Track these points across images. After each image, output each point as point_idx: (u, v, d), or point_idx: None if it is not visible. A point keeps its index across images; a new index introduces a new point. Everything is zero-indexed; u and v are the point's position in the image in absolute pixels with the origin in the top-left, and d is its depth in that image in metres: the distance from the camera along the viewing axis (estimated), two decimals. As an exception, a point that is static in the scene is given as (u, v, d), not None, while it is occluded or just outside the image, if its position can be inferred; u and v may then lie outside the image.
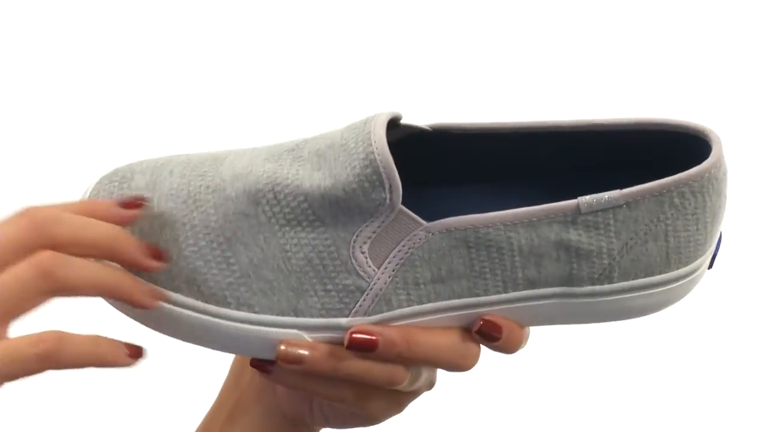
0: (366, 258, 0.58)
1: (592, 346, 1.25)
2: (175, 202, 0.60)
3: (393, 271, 0.58)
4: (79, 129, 1.29)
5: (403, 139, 0.62)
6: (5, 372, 0.51)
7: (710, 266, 0.62)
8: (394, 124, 0.61)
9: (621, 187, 0.59)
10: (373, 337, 0.58)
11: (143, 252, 0.57)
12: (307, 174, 0.58)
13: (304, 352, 0.59)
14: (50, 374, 0.53)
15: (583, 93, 1.28)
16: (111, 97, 1.30)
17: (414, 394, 0.63)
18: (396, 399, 0.63)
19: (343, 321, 0.59)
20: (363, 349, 0.58)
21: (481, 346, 0.61)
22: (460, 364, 0.60)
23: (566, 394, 1.26)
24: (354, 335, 0.58)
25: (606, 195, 0.58)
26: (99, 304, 0.59)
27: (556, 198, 0.59)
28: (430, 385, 0.63)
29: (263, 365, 0.60)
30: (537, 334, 0.63)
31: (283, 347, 0.58)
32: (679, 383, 1.27)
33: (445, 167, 0.65)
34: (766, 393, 1.26)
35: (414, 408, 0.66)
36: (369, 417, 0.63)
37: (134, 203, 0.59)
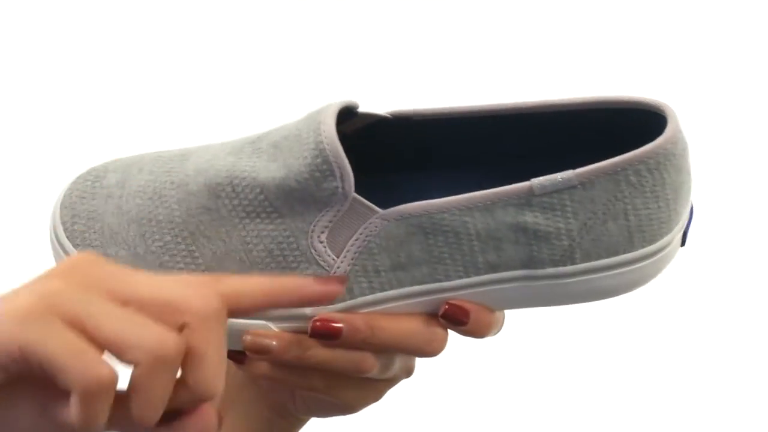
0: (325, 247, 0.58)
1: (586, 342, 1.25)
2: (142, 198, 0.61)
3: (352, 259, 0.59)
4: (77, 129, 1.31)
5: (365, 127, 0.62)
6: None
7: (683, 243, 0.61)
8: (351, 113, 0.61)
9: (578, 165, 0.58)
10: (337, 324, 0.59)
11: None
12: (263, 165, 0.59)
13: (270, 341, 0.59)
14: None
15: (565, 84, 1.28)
16: (109, 97, 1.32)
17: (391, 382, 0.63)
18: (371, 387, 0.63)
19: (307, 311, 0.59)
20: (327, 336, 0.59)
21: (451, 331, 0.61)
22: (427, 349, 0.60)
23: (560, 391, 1.26)
24: (316, 323, 0.59)
25: (559, 176, 0.58)
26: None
27: (515, 182, 0.59)
28: (408, 372, 0.63)
29: (237, 356, 0.61)
30: (533, 332, 0.63)
31: (248, 338, 0.59)
32: (676, 379, 1.26)
33: (406, 154, 0.65)
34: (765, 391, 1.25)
35: (395, 397, 0.66)
36: (345, 406, 0.63)
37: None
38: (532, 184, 0.58)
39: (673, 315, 1.27)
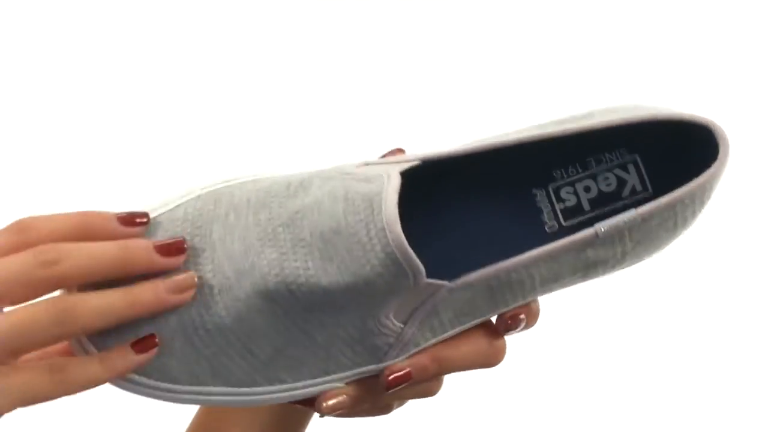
0: (392, 321, 0.57)
1: (589, 342, 1.25)
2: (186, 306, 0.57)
3: (419, 323, 0.58)
4: (76, 130, 1.23)
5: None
6: (23, 401, 0.53)
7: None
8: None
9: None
10: (407, 372, 0.59)
11: (157, 256, 0.56)
12: (320, 267, 0.55)
13: (342, 398, 0.59)
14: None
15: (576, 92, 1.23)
16: (110, 100, 1.24)
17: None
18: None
19: (373, 367, 0.59)
20: (400, 385, 0.59)
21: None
22: (493, 361, 0.62)
23: (562, 390, 1.27)
24: (388, 379, 0.59)
25: (623, 219, 0.57)
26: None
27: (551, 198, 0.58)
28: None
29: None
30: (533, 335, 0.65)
31: (324, 405, 0.59)
32: (679, 379, 1.27)
33: (444, 190, 0.62)
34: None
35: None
36: (383, 410, 0.64)
37: (134, 220, 0.57)
38: (596, 230, 0.57)
39: (675, 313, 1.27)
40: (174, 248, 0.56)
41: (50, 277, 0.53)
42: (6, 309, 0.53)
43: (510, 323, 0.60)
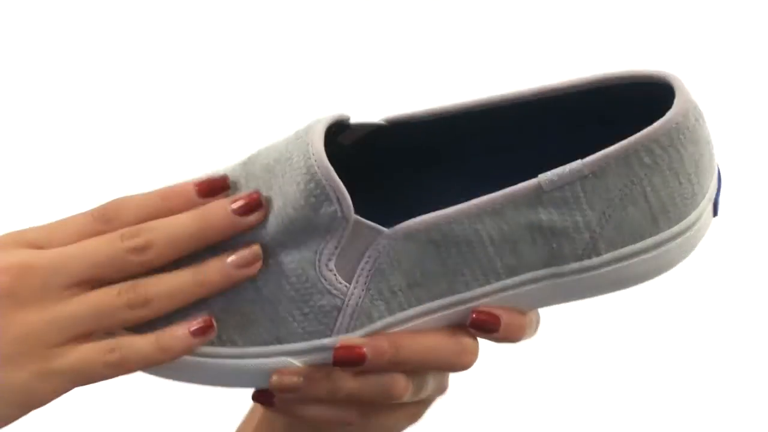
0: (335, 275, 0.56)
1: (594, 341, 1.23)
2: None
3: (365, 283, 0.56)
4: (76, 131, 1.30)
5: (363, 137, 0.59)
6: (79, 381, 0.54)
7: (715, 213, 0.57)
8: (343, 126, 0.58)
9: (588, 152, 0.54)
10: (360, 349, 0.56)
11: (237, 218, 0.56)
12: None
13: (297, 379, 0.57)
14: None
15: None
16: (110, 99, 1.31)
17: (425, 403, 0.61)
18: (406, 411, 0.60)
19: (326, 341, 0.57)
20: (351, 363, 0.56)
21: (482, 340, 0.58)
22: (457, 362, 0.57)
23: (566, 391, 1.24)
24: (339, 351, 0.56)
25: (567, 168, 0.54)
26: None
27: (527, 174, 0.55)
28: (442, 390, 0.60)
29: (266, 398, 0.59)
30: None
31: (275, 377, 0.57)
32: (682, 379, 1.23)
33: (406, 159, 0.62)
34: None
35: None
36: None
37: (213, 189, 0.57)
38: (539, 180, 0.54)
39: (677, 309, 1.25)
40: (252, 204, 0.57)
41: (140, 261, 0.55)
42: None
43: (476, 317, 0.56)
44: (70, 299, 0.54)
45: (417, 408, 0.60)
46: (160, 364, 0.56)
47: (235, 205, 0.56)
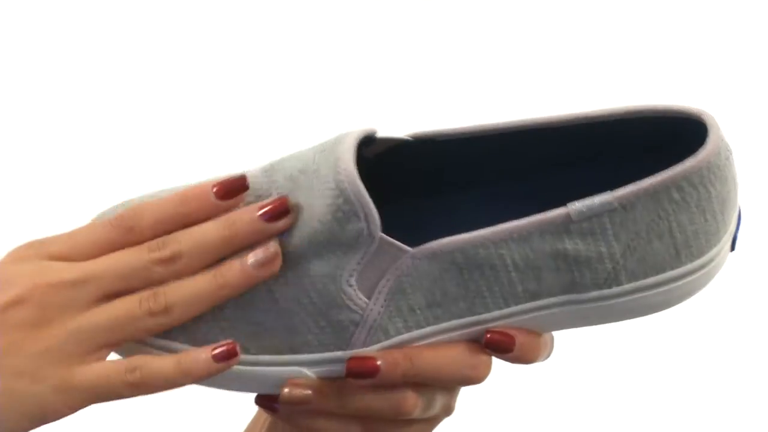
0: (355, 290, 0.55)
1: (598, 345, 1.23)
2: None
3: (385, 300, 0.56)
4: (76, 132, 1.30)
5: (387, 151, 0.59)
6: (97, 398, 0.54)
7: (732, 248, 0.58)
8: (370, 140, 0.58)
9: (617, 182, 0.55)
10: (374, 361, 0.56)
11: (264, 224, 0.55)
12: None
13: (307, 392, 0.57)
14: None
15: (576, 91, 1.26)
16: (109, 99, 1.31)
17: (432, 423, 0.60)
18: (413, 428, 0.60)
19: (340, 353, 0.57)
20: (365, 375, 0.56)
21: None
22: (471, 375, 0.57)
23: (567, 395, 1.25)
24: (352, 362, 0.56)
25: (597, 199, 0.54)
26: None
27: (551, 198, 0.55)
28: (448, 411, 0.60)
29: (269, 404, 0.58)
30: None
31: (286, 390, 0.56)
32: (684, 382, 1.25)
33: (431, 176, 0.61)
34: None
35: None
36: None
37: (231, 191, 0.56)
38: (569, 210, 0.54)
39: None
40: (280, 210, 0.56)
41: (168, 272, 0.55)
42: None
43: (491, 337, 0.56)
44: (92, 310, 0.54)
45: (423, 427, 0.60)
46: (180, 386, 0.55)
47: (262, 212, 0.55)
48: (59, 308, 0.54)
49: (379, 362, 0.56)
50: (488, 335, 0.57)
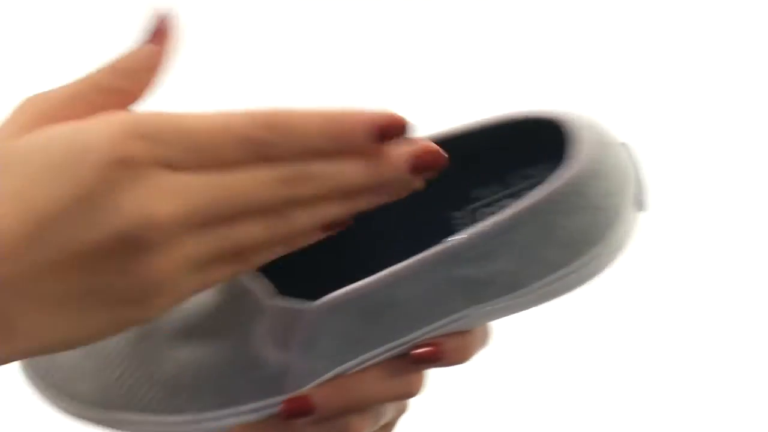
0: (270, 349, 0.56)
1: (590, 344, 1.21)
2: None
3: (303, 350, 0.56)
4: None
5: None
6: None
7: (642, 209, 0.56)
8: None
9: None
10: (307, 399, 0.56)
11: (411, 177, 0.49)
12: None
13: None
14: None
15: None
16: None
17: (389, 427, 0.61)
18: None
19: (279, 398, 0.58)
20: (302, 414, 0.57)
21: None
22: (406, 392, 0.58)
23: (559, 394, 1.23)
24: (287, 403, 0.57)
25: (475, 230, 0.54)
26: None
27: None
28: (402, 411, 0.61)
29: None
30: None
31: None
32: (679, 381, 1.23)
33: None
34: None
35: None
36: None
37: (389, 134, 0.48)
38: (451, 244, 0.54)
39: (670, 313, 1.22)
40: (431, 163, 0.49)
41: (300, 209, 0.49)
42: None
43: (416, 354, 0.57)
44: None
45: None
46: None
47: (411, 163, 0.49)
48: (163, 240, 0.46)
49: (313, 399, 0.57)
50: (413, 352, 0.57)
